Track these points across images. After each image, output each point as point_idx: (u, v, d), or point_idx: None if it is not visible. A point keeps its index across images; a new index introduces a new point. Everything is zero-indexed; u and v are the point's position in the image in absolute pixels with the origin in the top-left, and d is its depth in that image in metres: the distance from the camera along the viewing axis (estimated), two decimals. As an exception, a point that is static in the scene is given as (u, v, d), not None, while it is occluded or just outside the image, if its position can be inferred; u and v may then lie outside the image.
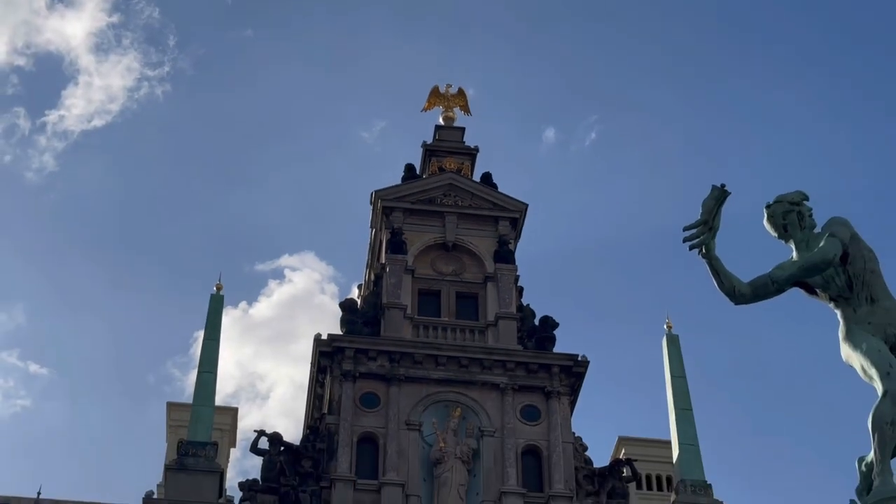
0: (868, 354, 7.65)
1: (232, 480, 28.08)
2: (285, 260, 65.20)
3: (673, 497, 24.73)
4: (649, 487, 35.25)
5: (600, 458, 26.31)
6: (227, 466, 32.61)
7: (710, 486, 23.93)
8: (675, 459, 25.28)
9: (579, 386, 25.75)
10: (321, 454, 24.02)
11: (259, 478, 23.94)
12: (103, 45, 62.28)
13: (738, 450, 57.69)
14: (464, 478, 23.70)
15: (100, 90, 70.02)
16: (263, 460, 24.24)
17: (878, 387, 7.43)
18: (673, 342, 26.17)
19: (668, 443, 26.66)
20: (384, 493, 23.44)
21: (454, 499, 23.43)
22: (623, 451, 32.91)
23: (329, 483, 23.52)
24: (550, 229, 61.58)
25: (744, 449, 60.86)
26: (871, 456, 7.50)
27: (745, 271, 7.77)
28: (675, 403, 25.32)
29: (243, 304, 58.31)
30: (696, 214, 7.02)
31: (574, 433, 25.05)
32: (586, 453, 25.13)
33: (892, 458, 7.53)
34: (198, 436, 24.19)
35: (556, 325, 26.72)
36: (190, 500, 23.05)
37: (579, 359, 25.47)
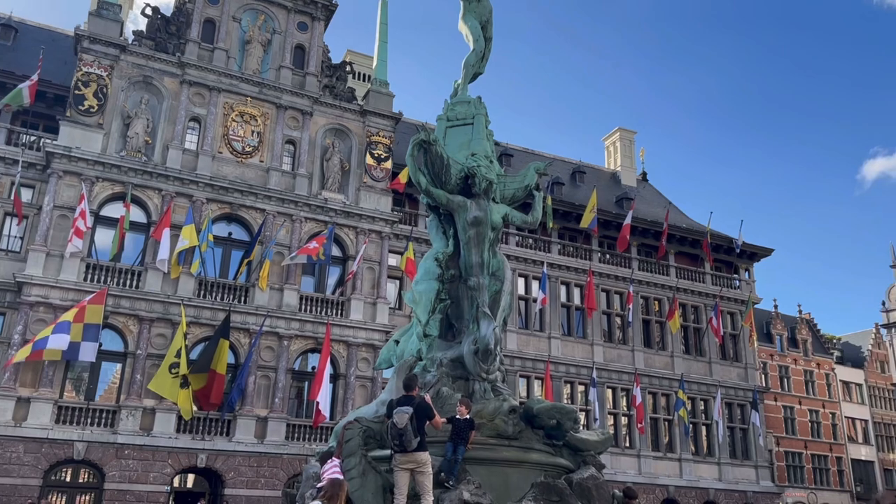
0: (471, 29, 11.70)
1: (127, 34, 32.32)
2: None
3: (369, 86, 35.27)
4: (363, 79, 42.36)
5: (337, 58, 36.07)
6: (126, 19, 36.38)
7: (388, 83, 34.73)
8: (374, 66, 36.41)
9: (331, 15, 34.35)
10: (182, 25, 31.57)
11: (144, 30, 30.92)
12: None
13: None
14: (261, 53, 32.38)
15: None
16: (150, 19, 31.22)
17: (471, 45, 11.50)
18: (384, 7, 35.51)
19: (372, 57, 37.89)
20: (214, 54, 31.60)
21: (257, 54, 32.25)
22: (350, 58, 39.99)
23: (185, 41, 31.19)
24: None
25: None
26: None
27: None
28: (380, 38, 35.20)
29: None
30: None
31: (325, 44, 34.30)
32: (329, 53, 34.43)
33: (470, 82, 11.73)
34: (109, -3, 31.04)
35: (324, -29, 34.16)
36: (101, 35, 29.36)
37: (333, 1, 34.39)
